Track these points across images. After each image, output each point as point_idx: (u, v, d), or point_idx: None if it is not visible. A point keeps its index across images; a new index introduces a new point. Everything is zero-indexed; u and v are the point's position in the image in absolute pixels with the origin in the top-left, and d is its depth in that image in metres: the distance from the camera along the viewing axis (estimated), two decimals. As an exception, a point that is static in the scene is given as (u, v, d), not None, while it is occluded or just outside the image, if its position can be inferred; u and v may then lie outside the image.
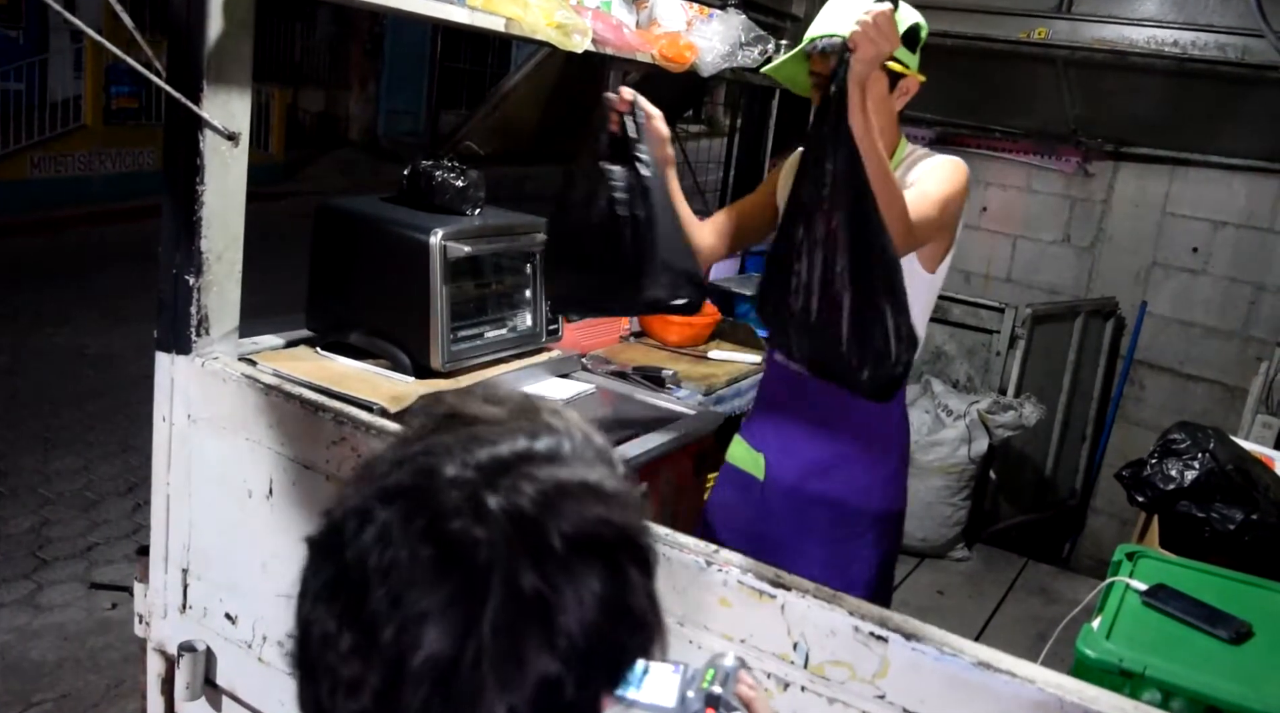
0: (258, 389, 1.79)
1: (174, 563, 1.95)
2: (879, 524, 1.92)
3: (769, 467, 1.95)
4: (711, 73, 2.79)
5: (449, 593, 0.62)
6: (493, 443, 0.68)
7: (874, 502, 1.92)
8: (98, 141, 10.59)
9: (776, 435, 1.95)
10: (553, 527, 0.64)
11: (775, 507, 1.91)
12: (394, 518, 0.64)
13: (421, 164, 2.16)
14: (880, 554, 1.94)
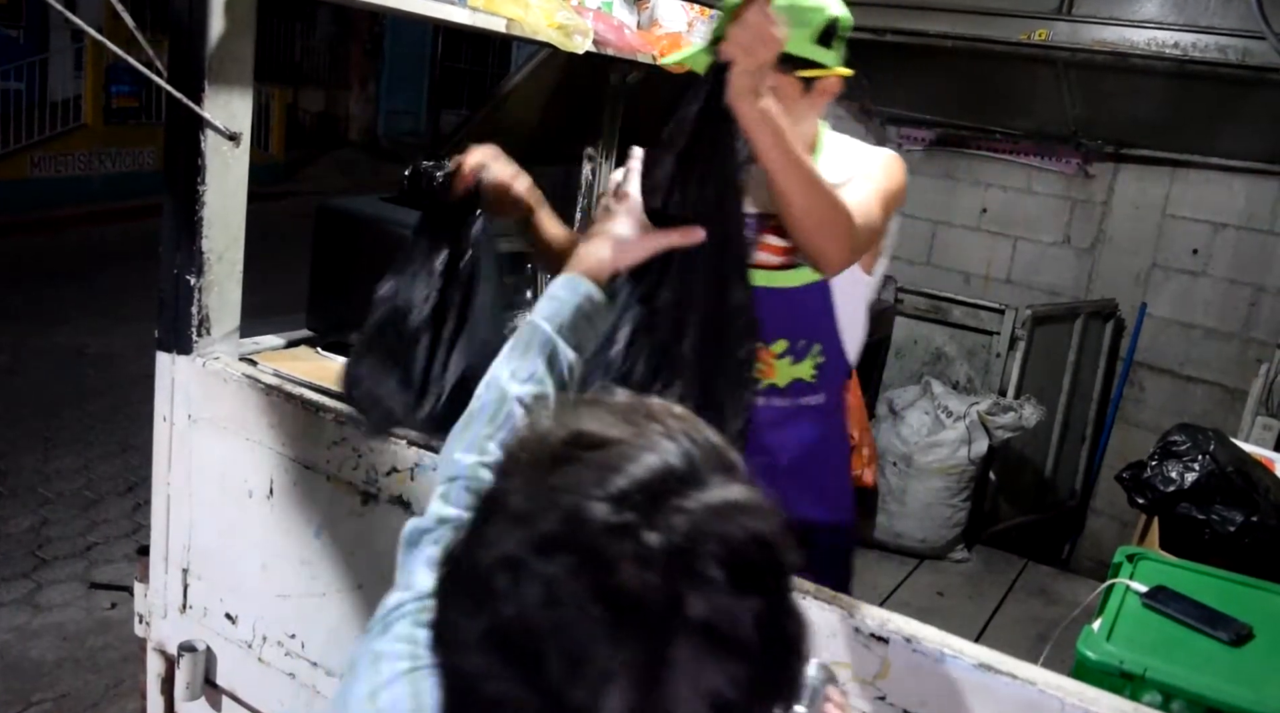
0: (259, 389, 1.79)
1: (174, 563, 1.95)
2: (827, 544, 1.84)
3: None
4: (710, 74, 2.79)
5: (632, 650, 0.61)
6: (628, 470, 0.66)
7: (819, 539, 1.81)
8: (98, 141, 10.60)
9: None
10: (711, 557, 0.63)
11: None
12: (559, 575, 0.62)
13: (422, 164, 2.16)
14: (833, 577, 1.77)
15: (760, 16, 1.28)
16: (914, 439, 3.77)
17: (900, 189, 1.71)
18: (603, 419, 0.71)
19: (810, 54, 1.57)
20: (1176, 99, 3.72)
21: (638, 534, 0.63)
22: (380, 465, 1.65)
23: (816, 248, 1.60)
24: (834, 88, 1.64)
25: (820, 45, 1.58)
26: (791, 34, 1.46)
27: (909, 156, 4.74)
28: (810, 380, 1.78)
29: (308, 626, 1.78)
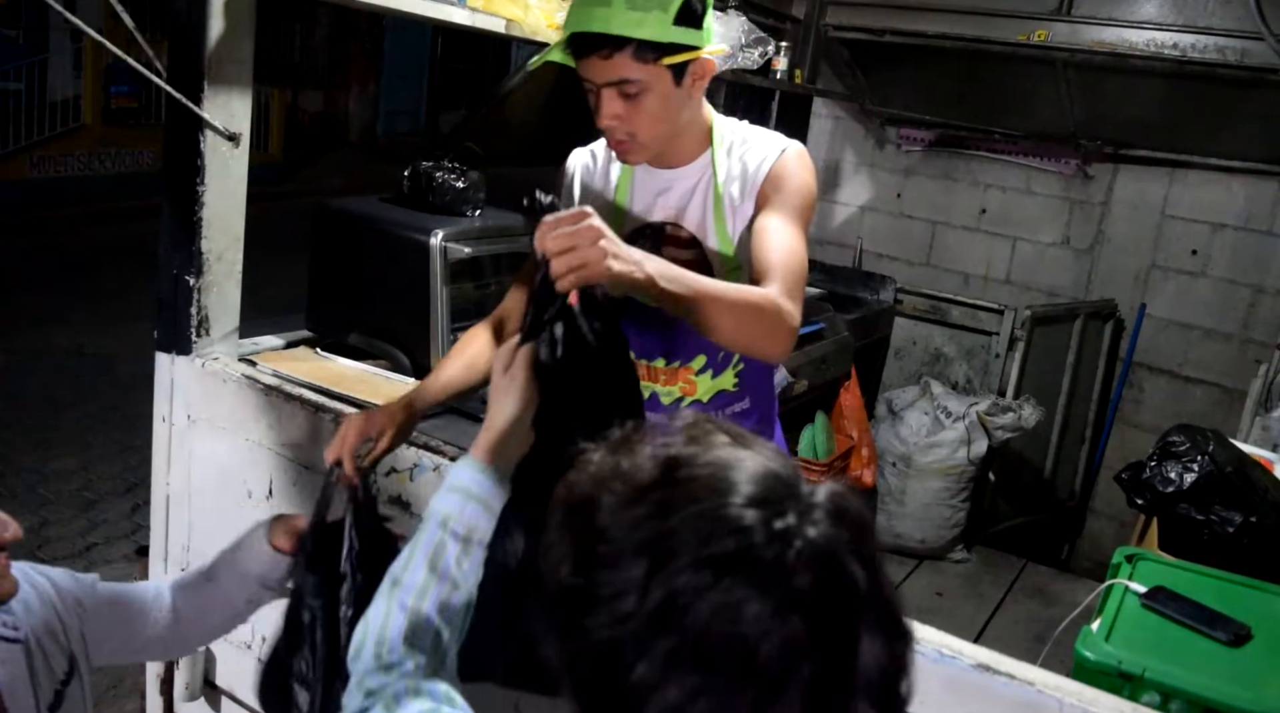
0: (258, 390, 1.79)
1: (174, 563, 1.95)
2: None
3: None
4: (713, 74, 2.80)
5: (826, 647, 0.65)
6: (743, 480, 0.69)
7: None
8: (97, 141, 10.59)
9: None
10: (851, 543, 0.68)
11: None
12: (748, 592, 0.64)
13: (422, 165, 2.17)
14: None
15: (578, 230, 1.13)
16: (913, 440, 3.77)
17: (813, 194, 1.57)
18: (667, 441, 0.73)
19: (673, 38, 1.42)
20: (1175, 100, 3.73)
21: (800, 534, 0.66)
22: (379, 467, 1.64)
23: (759, 355, 1.56)
24: (709, 69, 1.50)
25: (682, 26, 1.42)
26: (648, 19, 1.40)
27: (909, 157, 4.75)
28: (733, 389, 1.71)
29: (307, 626, 1.77)
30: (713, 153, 1.58)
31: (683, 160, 1.59)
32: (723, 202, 1.57)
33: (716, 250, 1.59)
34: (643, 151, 1.52)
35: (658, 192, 1.63)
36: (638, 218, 1.64)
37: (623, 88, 1.44)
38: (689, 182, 1.60)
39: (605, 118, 1.47)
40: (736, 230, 1.57)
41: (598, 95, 1.48)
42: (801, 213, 1.53)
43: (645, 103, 1.45)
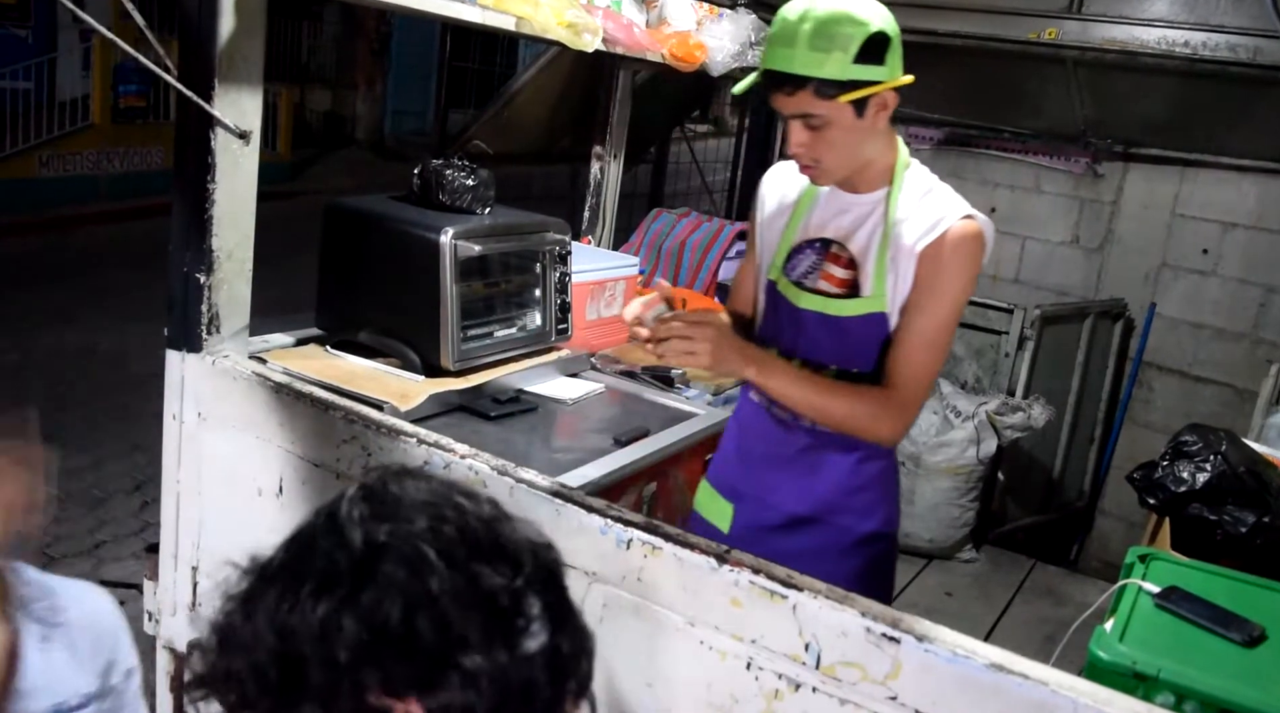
0: (268, 387, 1.79)
1: (184, 561, 1.95)
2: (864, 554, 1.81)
3: (736, 519, 1.83)
4: (721, 72, 2.79)
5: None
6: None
7: (860, 555, 1.79)
8: (106, 140, 10.62)
9: (750, 483, 1.82)
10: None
11: None
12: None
13: (432, 163, 2.16)
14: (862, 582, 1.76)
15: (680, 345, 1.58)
16: (922, 439, 3.76)
17: (973, 283, 1.65)
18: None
19: (853, 75, 1.52)
20: (1187, 98, 3.71)
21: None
22: (390, 464, 1.64)
23: (861, 438, 1.71)
24: (892, 102, 1.60)
25: (863, 63, 1.52)
26: (829, 60, 1.52)
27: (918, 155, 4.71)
28: None
29: (317, 624, 1.77)
30: (892, 191, 1.67)
31: (864, 189, 1.70)
32: (889, 239, 1.66)
33: (870, 280, 1.68)
34: (827, 177, 1.67)
35: (836, 211, 1.74)
36: (811, 229, 1.76)
37: (807, 121, 1.57)
38: (864, 209, 1.70)
39: (792, 146, 1.62)
40: (895, 272, 1.66)
41: (786, 124, 1.61)
42: (953, 307, 1.65)
43: (828, 134, 1.58)
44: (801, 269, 1.75)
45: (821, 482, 1.74)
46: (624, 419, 2.17)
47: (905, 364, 1.65)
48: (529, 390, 2.20)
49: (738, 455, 1.86)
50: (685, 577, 1.41)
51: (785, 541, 1.75)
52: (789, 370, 1.67)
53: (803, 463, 1.75)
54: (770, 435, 1.78)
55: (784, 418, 1.75)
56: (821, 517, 1.75)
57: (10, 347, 6.68)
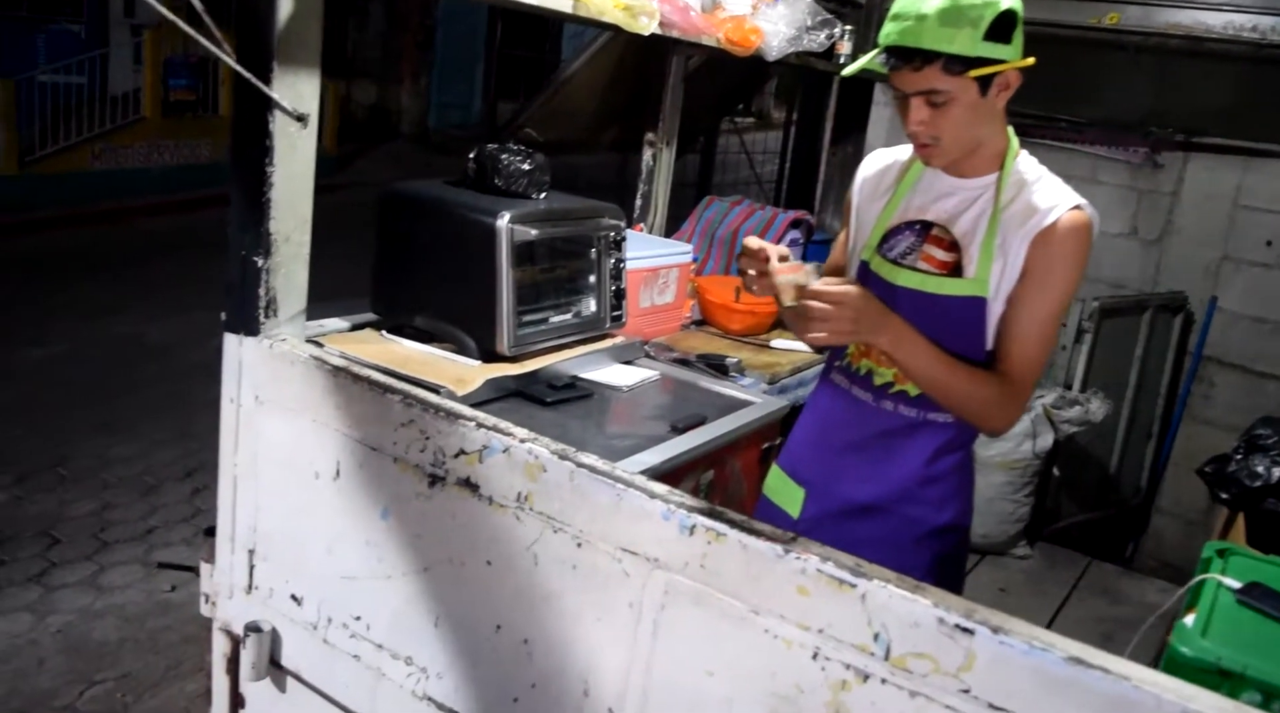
0: (325, 371, 1.78)
1: (240, 544, 1.95)
2: (935, 546, 1.79)
3: (807, 505, 1.82)
4: (777, 57, 2.75)
5: None
6: None
7: (931, 547, 1.77)
8: (156, 133, 10.78)
9: (825, 468, 1.81)
10: None
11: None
12: None
13: (487, 148, 2.15)
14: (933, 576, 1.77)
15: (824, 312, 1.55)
16: (976, 433, 3.69)
17: (1081, 275, 1.66)
18: None
19: (982, 52, 1.53)
20: (1252, 85, 3.61)
21: None
22: (448, 448, 1.63)
23: (973, 424, 1.71)
24: (1015, 81, 1.61)
25: (992, 41, 1.54)
26: (959, 35, 1.52)
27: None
28: None
29: (373, 608, 1.77)
30: (1002, 176, 1.67)
31: (972, 174, 1.70)
32: (997, 225, 1.65)
33: (974, 264, 1.67)
34: (944, 156, 1.66)
35: (939, 195, 1.73)
36: (911, 212, 1.76)
37: (930, 97, 1.57)
38: (970, 194, 1.70)
39: (912, 123, 1.61)
40: (1003, 258, 1.65)
41: (905, 103, 1.60)
42: (1064, 298, 1.66)
43: (951, 112, 1.57)
44: (899, 249, 1.74)
45: (898, 470, 1.72)
46: (680, 406, 2.14)
47: (1019, 355, 1.64)
48: (583, 377, 2.18)
49: (813, 440, 1.85)
50: (750, 564, 1.38)
51: (856, 528, 1.72)
52: (921, 341, 1.64)
53: (880, 450, 1.73)
54: (849, 421, 1.76)
55: (865, 402, 1.73)
56: (895, 506, 1.72)
57: (61, 336, 6.79)
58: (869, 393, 1.73)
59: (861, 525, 1.74)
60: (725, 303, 2.70)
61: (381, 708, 1.79)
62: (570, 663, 1.54)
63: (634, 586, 1.47)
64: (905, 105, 1.61)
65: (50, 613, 3.93)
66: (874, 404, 1.72)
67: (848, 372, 1.79)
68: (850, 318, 1.56)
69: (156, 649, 3.75)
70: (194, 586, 4.16)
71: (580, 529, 1.50)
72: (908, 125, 1.62)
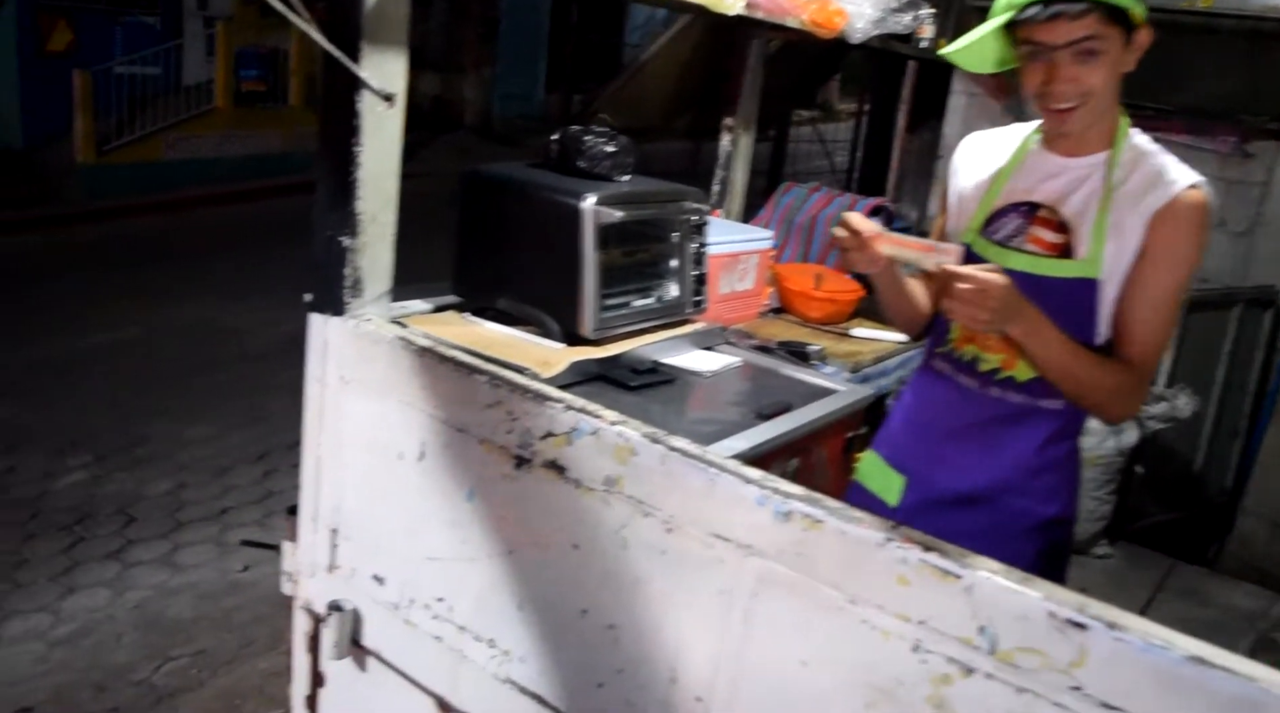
0: (411, 351, 1.77)
1: (323, 523, 1.96)
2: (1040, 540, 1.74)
3: (907, 493, 1.78)
4: (860, 40, 2.70)
5: None
6: None
7: (1036, 540, 1.72)
8: (227, 124, 10.97)
9: (926, 456, 1.77)
10: None
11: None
12: None
13: (571, 129, 2.13)
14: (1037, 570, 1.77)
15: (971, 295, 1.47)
16: (1056, 428, 3.60)
17: (1201, 255, 1.62)
18: None
19: (1130, 5, 1.53)
20: (1354, 70, 3.46)
21: None
22: (535, 429, 1.61)
23: (1095, 413, 1.67)
24: (1143, 44, 1.61)
25: None
26: None
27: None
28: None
29: (456, 589, 1.76)
30: (1114, 154, 1.63)
31: (1081, 152, 1.66)
32: (1111, 204, 1.60)
33: (1085, 244, 1.63)
34: (1082, 120, 1.60)
35: (1046, 175, 1.69)
36: (1016, 193, 1.72)
37: (1084, 45, 1.52)
38: (1079, 173, 1.65)
39: (1061, 81, 1.55)
40: (1118, 238, 1.60)
41: (1050, 62, 1.55)
42: (1185, 279, 1.62)
43: (1099, 68, 1.54)
44: (1005, 232, 1.69)
45: (1004, 459, 1.67)
46: (763, 393, 2.11)
47: (1141, 339, 1.60)
48: (665, 362, 2.15)
49: (914, 427, 1.80)
50: (848, 552, 1.35)
51: (958, 518, 1.68)
52: (1054, 331, 1.58)
53: (986, 437, 1.68)
54: (953, 408, 1.72)
55: (971, 389, 1.68)
56: (999, 496, 1.67)
57: (136, 321, 6.94)
58: (974, 379, 1.68)
59: (964, 516, 1.69)
60: (805, 290, 2.66)
61: (462, 690, 1.78)
62: (657, 650, 1.52)
63: (725, 572, 1.44)
64: (1051, 65, 1.55)
65: (127, 589, 4.01)
66: (980, 391, 1.68)
67: (951, 358, 1.75)
68: (992, 307, 1.50)
69: (230, 627, 3.81)
70: (266, 566, 4.22)
71: (671, 514, 1.47)
72: (1050, 84, 1.56)
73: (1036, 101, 1.62)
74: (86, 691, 3.41)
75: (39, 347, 6.37)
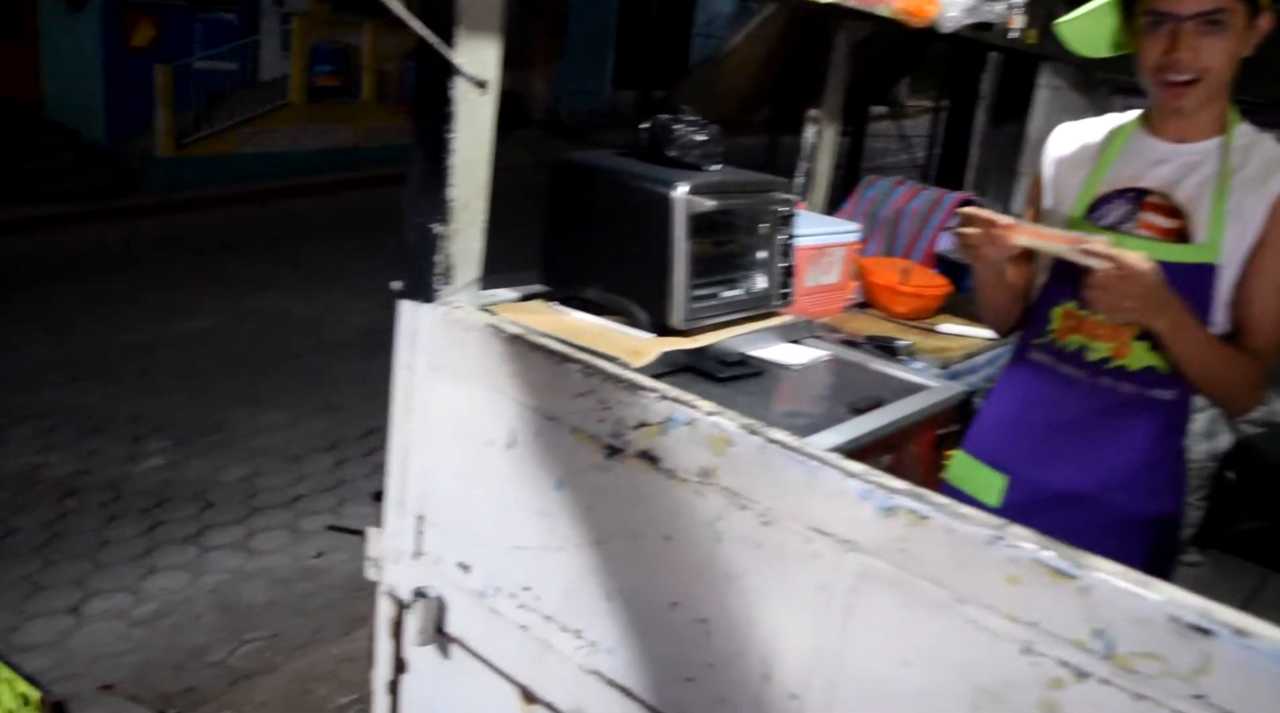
0: (502, 338, 1.76)
1: (409, 510, 1.96)
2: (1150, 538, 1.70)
3: (1009, 492, 1.74)
4: (951, 29, 2.63)
5: None
6: None
7: (1147, 539, 1.67)
8: (301, 118, 11.17)
9: (1029, 454, 1.72)
10: None
11: None
12: None
13: (660, 117, 2.11)
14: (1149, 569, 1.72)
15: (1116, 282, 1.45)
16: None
17: None
18: None
19: None
20: None
21: None
22: (628, 419, 1.59)
23: (1223, 405, 1.67)
24: (1265, 27, 1.60)
25: None
26: None
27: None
28: (1164, 372, 1.64)
29: (543, 578, 1.75)
30: (1228, 139, 1.61)
31: (1192, 137, 1.64)
32: (1228, 189, 1.58)
33: (1203, 229, 1.61)
34: (1196, 96, 1.58)
35: (1154, 160, 1.67)
36: (1121, 179, 1.70)
37: (1213, 16, 1.51)
38: (1190, 159, 1.63)
39: (1183, 49, 1.54)
40: (1239, 223, 1.58)
41: (1173, 32, 1.53)
42: None
43: (1222, 42, 1.53)
44: (1113, 217, 1.66)
45: (1116, 453, 1.61)
46: (852, 388, 2.07)
47: (1264, 327, 1.58)
48: (752, 354, 2.12)
49: (1012, 423, 1.75)
50: (955, 550, 1.31)
51: (1066, 516, 1.63)
52: (1196, 326, 1.56)
53: (1094, 432, 1.63)
54: (1057, 401, 1.67)
55: (1077, 380, 1.63)
56: (1108, 493, 1.62)
57: (212, 310, 7.09)
58: (1081, 370, 1.64)
59: (1072, 513, 1.65)
60: (891, 285, 2.61)
61: (547, 679, 1.77)
62: (751, 645, 1.49)
63: (824, 568, 1.40)
64: (1173, 37, 1.53)
65: (205, 573, 4.10)
66: (1088, 381, 1.63)
67: (1052, 349, 1.70)
68: (1137, 295, 1.47)
69: (303, 612, 3.86)
70: (338, 553, 4.28)
71: (768, 507, 1.45)
72: (1171, 54, 1.54)
73: (1153, 75, 1.58)
74: (166, 670, 3.49)
75: (121, 334, 6.54)
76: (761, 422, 1.85)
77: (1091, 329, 1.67)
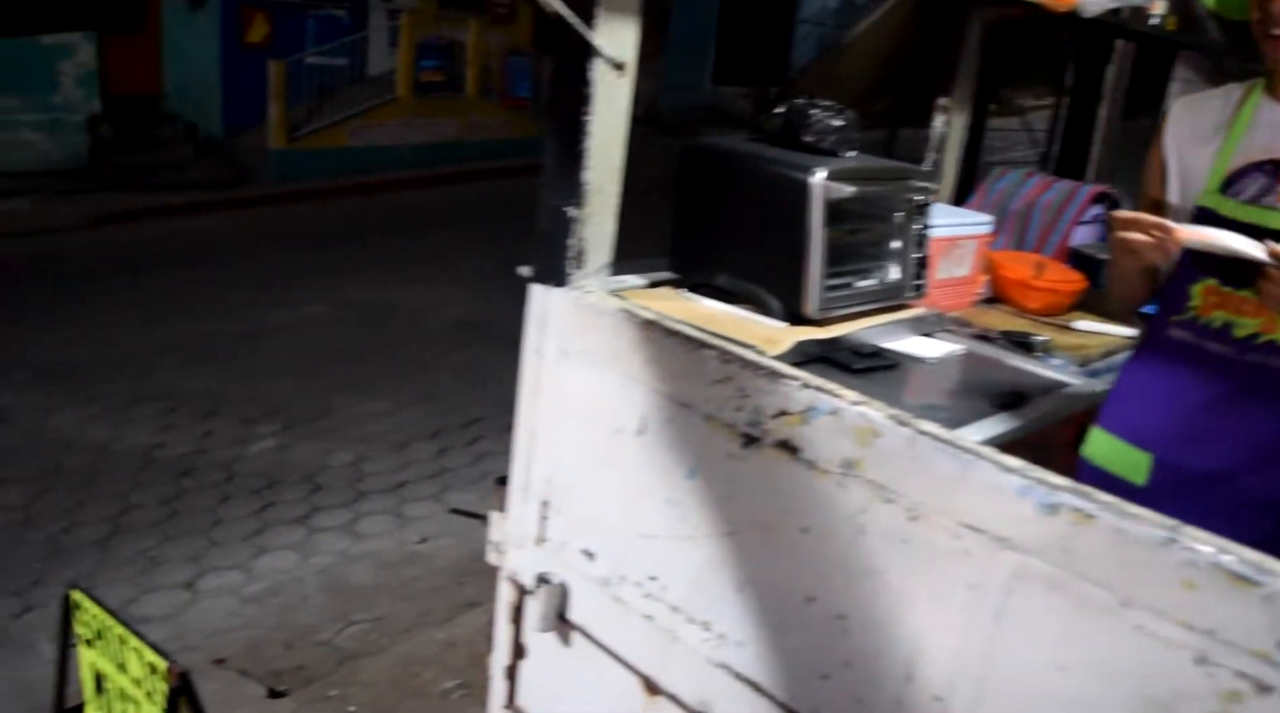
0: (635, 324, 1.74)
1: (534, 495, 1.96)
2: None
3: (1155, 470, 1.67)
4: (1093, 14, 2.53)
5: None
6: None
7: None
8: (407, 112, 11.38)
9: (1174, 431, 1.66)
10: None
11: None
12: None
13: (796, 101, 2.06)
14: None
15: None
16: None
17: None
18: None
19: None
20: None
21: None
22: (767, 407, 1.56)
23: None
24: None
25: None
26: None
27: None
28: None
29: (671, 568, 1.72)
30: None
31: None
32: None
33: None
34: None
35: (1273, 130, 1.62)
36: (1255, 152, 1.64)
37: None
38: None
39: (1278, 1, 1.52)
40: None
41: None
42: None
43: None
44: (1251, 192, 1.60)
45: (1265, 430, 1.55)
46: (991, 383, 1.99)
47: None
48: (886, 346, 2.06)
49: (1156, 401, 1.70)
50: (1124, 551, 1.24)
51: (1215, 495, 1.57)
52: None
53: (1244, 407, 1.58)
54: (1203, 377, 1.62)
55: (1224, 355, 1.56)
56: (1259, 471, 1.56)
57: (321, 298, 7.26)
58: (1228, 346, 1.57)
59: (1221, 492, 1.58)
60: (1024, 279, 2.51)
61: (672, 671, 1.74)
62: (892, 644, 1.44)
63: (975, 566, 1.35)
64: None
65: (313, 554, 4.18)
66: (1236, 357, 1.57)
67: (1195, 326, 1.64)
68: None
69: (408, 596, 3.91)
70: (443, 539, 4.33)
71: (915, 501, 1.39)
72: (1267, 6, 1.53)
73: (1258, 29, 1.56)
74: (276, 647, 3.56)
75: (235, 319, 6.74)
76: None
77: (1237, 305, 1.61)
